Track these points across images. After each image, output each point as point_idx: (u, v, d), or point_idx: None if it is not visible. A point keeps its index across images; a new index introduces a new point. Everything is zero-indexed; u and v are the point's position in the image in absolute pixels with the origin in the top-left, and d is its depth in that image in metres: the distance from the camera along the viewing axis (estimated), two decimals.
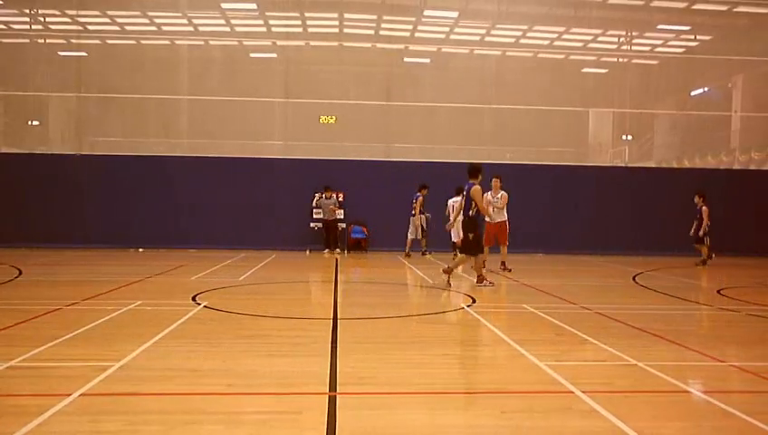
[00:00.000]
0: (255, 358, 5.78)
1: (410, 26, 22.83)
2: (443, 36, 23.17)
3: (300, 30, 22.30)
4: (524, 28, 22.73)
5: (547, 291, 10.64)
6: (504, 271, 13.44)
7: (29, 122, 21.81)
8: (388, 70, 21.67)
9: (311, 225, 18.98)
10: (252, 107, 20.94)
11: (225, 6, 21.44)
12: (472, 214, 10.94)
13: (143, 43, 22.28)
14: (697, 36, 23.21)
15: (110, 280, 11.05)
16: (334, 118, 20.96)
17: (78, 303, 8.58)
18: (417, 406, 4.53)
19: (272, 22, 22.31)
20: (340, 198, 18.75)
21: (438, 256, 16.97)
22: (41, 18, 21.39)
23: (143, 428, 3.94)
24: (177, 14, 21.89)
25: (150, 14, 21.73)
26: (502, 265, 13.54)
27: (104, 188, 18.77)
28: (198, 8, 21.59)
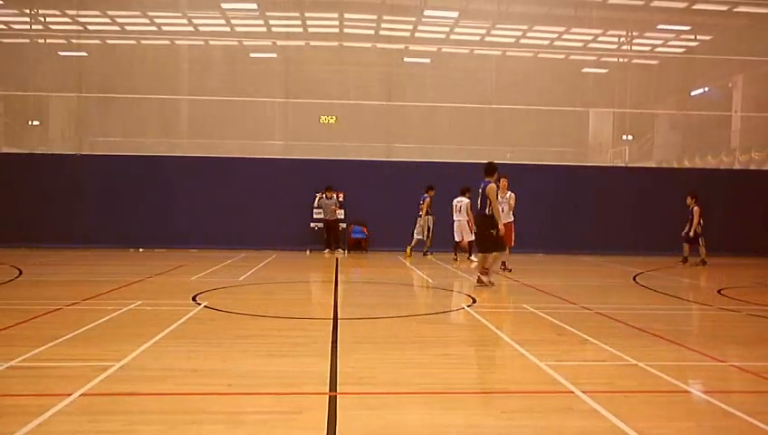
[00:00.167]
0: (255, 358, 5.78)
1: (410, 26, 22.84)
2: (443, 36, 23.18)
3: (300, 30, 22.31)
4: (524, 28, 22.74)
5: (547, 291, 10.64)
6: (504, 271, 13.44)
7: (29, 122, 21.81)
8: (388, 70, 21.67)
9: (311, 225, 18.98)
10: (252, 107, 20.95)
11: (225, 6, 21.44)
12: (489, 212, 10.93)
13: (143, 43, 22.29)
14: (697, 36, 23.21)
15: (110, 280, 11.05)
16: (334, 118, 20.97)
17: (78, 303, 8.58)
18: (418, 406, 4.52)
19: (272, 22, 22.32)
20: (341, 198, 18.75)
21: (439, 257, 16.97)
22: (41, 18, 21.40)
23: (143, 428, 3.94)
24: (178, 14, 21.90)
25: (150, 14, 21.74)
26: (502, 266, 13.54)
27: (104, 188, 18.77)
28: (198, 8, 21.60)
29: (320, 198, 18.17)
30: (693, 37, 23.30)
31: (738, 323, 8.32)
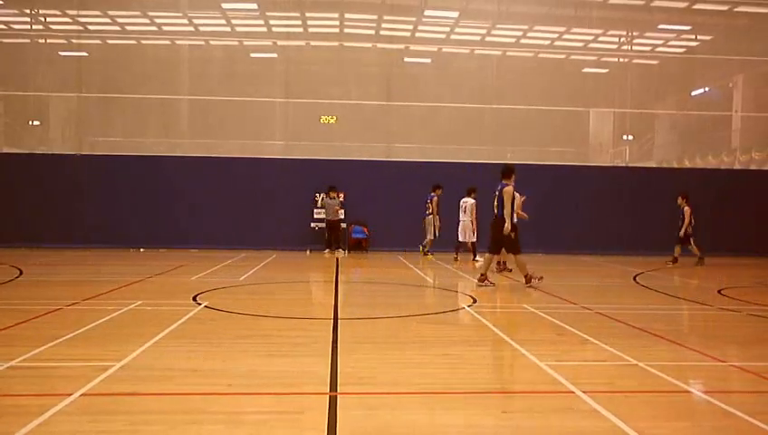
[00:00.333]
0: (256, 358, 5.78)
1: (411, 26, 22.83)
2: (443, 36, 23.17)
3: (300, 30, 22.30)
4: (525, 28, 22.73)
5: (547, 291, 10.64)
6: (504, 271, 13.44)
7: (29, 122, 21.81)
8: (388, 70, 21.67)
9: (311, 225, 18.99)
10: (252, 107, 20.95)
11: (225, 6, 21.44)
12: (506, 214, 10.93)
13: (144, 43, 22.29)
14: (698, 36, 23.20)
15: (111, 280, 11.05)
16: (335, 118, 20.97)
17: (78, 303, 8.58)
18: (418, 406, 4.52)
19: (272, 22, 22.31)
20: (341, 198, 18.75)
21: (440, 257, 16.97)
22: (41, 18, 21.40)
23: (143, 428, 3.94)
24: (178, 14, 21.90)
25: (151, 14, 21.74)
26: (502, 265, 13.54)
27: (104, 188, 18.78)
28: (199, 8, 21.60)
29: (323, 198, 18.15)
30: (693, 37, 23.29)
31: (738, 323, 8.32)
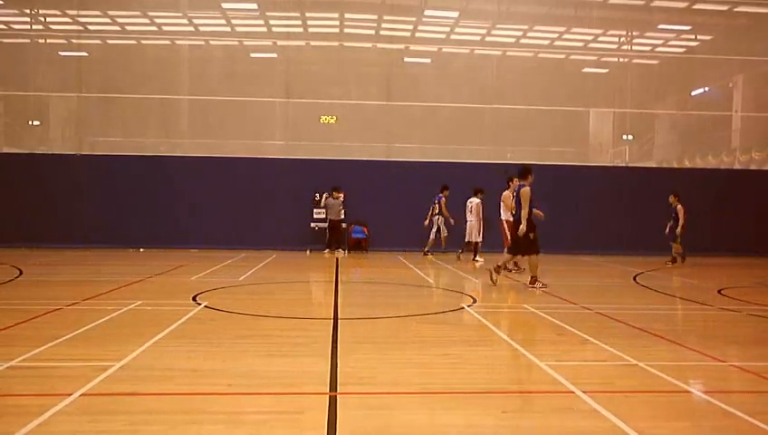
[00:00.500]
0: (256, 358, 5.78)
1: (411, 26, 22.83)
2: (443, 36, 23.17)
3: (300, 30, 22.31)
4: (525, 28, 22.73)
5: (547, 291, 10.63)
6: (505, 270, 13.44)
7: (29, 122, 21.82)
8: (388, 70, 21.67)
9: (311, 225, 18.99)
10: (252, 107, 20.94)
11: (225, 6, 21.45)
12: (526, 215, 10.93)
13: (144, 43, 22.30)
14: (698, 36, 23.20)
15: (110, 280, 11.05)
16: (335, 118, 20.97)
17: (78, 303, 8.58)
18: (418, 406, 4.52)
19: (272, 22, 22.31)
20: (341, 198, 18.74)
21: (440, 257, 16.96)
22: (41, 18, 21.40)
23: (143, 428, 3.94)
24: (178, 14, 21.90)
25: (151, 14, 21.74)
26: (515, 265, 13.59)
27: (104, 188, 18.77)
28: (199, 8, 21.60)
29: (326, 198, 18.13)
30: (693, 37, 23.29)
31: (738, 324, 8.32)
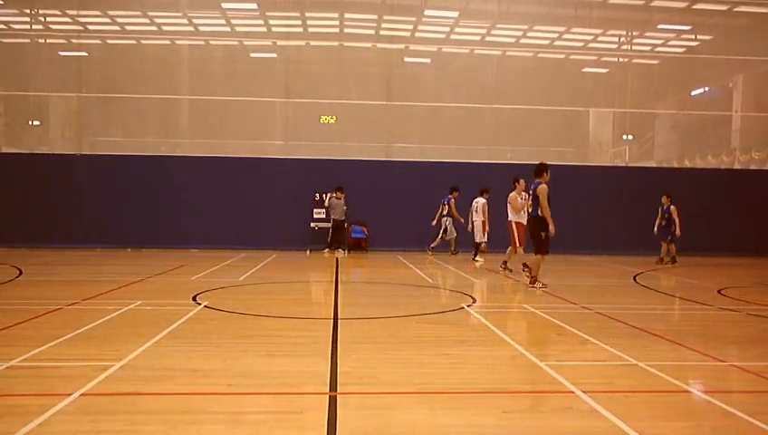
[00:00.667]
0: (256, 358, 5.78)
1: (411, 26, 22.83)
2: (443, 36, 23.17)
3: (300, 30, 22.31)
4: (525, 28, 22.73)
5: (547, 291, 10.64)
6: (505, 270, 13.45)
7: (29, 122, 21.82)
8: (388, 70, 21.67)
9: (311, 225, 18.99)
10: (252, 107, 20.94)
11: (225, 6, 21.45)
12: (540, 214, 10.92)
13: (144, 42, 22.30)
14: (698, 36, 23.20)
15: (110, 280, 11.05)
16: (335, 118, 20.97)
17: (78, 303, 8.58)
18: (418, 406, 4.52)
19: (272, 22, 22.32)
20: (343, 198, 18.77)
21: (440, 257, 16.96)
22: (41, 18, 21.40)
23: (143, 428, 3.94)
24: (178, 14, 21.90)
25: (151, 13, 21.74)
26: (503, 265, 13.56)
27: (104, 188, 18.77)
28: (199, 8, 21.60)
29: (330, 198, 18.12)
30: (693, 37, 23.29)
31: (738, 323, 8.31)
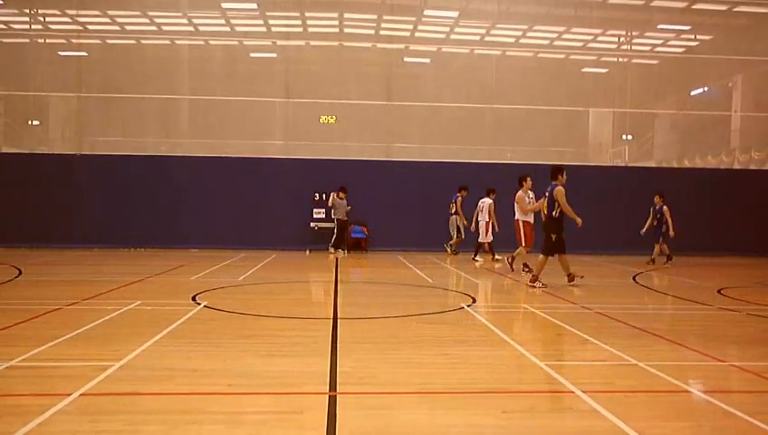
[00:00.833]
0: (255, 358, 5.78)
1: (410, 26, 22.84)
2: (443, 36, 23.18)
3: (300, 30, 22.31)
4: (524, 28, 22.74)
5: (547, 291, 10.64)
6: (510, 266, 13.54)
7: (29, 122, 21.82)
8: (388, 70, 21.68)
9: (311, 225, 18.99)
10: (252, 107, 20.95)
11: (225, 6, 21.45)
12: (555, 215, 10.93)
13: (143, 42, 22.30)
14: (697, 36, 23.21)
15: (110, 280, 11.05)
16: (334, 118, 20.97)
17: (78, 303, 8.57)
18: (417, 406, 4.52)
19: (272, 22, 22.32)
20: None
21: (440, 257, 16.96)
22: (41, 18, 21.40)
23: (143, 427, 3.94)
24: (178, 14, 21.90)
25: (151, 13, 21.75)
26: (509, 259, 13.66)
27: (104, 188, 18.77)
28: (199, 8, 21.60)
29: (333, 198, 18.12)
30: (693, 37, 23.30)
31: (738, 323, 8.31)
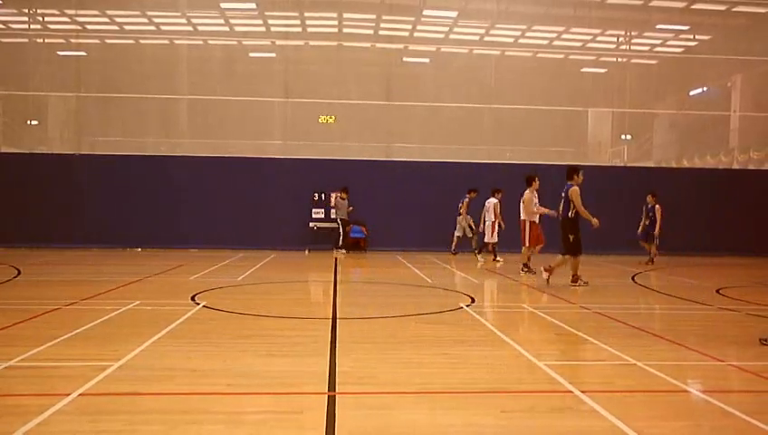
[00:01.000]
0: (255, 358, 5.78)
1: (410, 26, 22.85)
2: (442, 36, 23.18)
3: (299, 30, 22.31)
4: (524, 28, 22.74)
5: (546, 291, 10.64)
6: (527, 271, 13.47)
7: (29, 122, 21.82)
8: (387, 70, 21.68)
9: (310, 225, 18.99)
10: (251, 107, 20.95)
11: (224, 6, 21.45)
12: (571, 215, 10.95)
13: (142, 42, 22.30)
14: (696, 36, 23.22)
15: (110, 280, 11.05)
16: (334, 118, 20.97)
17: (77, 303, 8.57)
18: (417, 406, 4.52)
19: (271, 21, 22.32)
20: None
21: (440, 257, 16.96)
22: (40, 18, 21.40)
23: (143, 427, 3.94)
24: (177, 14, 21.90)
25: (150, 13, 21.74)
26: (524, 267, 13.58)
27: (104, 188, 18.77)
28: (198, 8, 21.59)
29: (336, 198, 18.11)
30: (692, 37, 23.32)
31: (738, 323, 8.31)
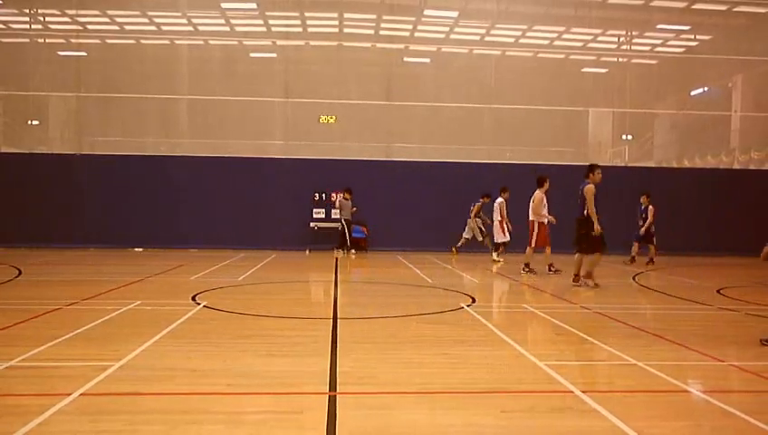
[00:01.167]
0: (255, 358, 5.78)
1: (410, 26, 22.84)
2: (443, 36, 23.18)
3: (300, 30, 22.32)
4: (524, 28, 22.74)
5: (547, 291, 10.64)
6: (550, 271, 13.42)
7: (29, 122, 21.82)
8: (388, 70, 21.68)
9: (310, 225, 18.99)
10: (252, 107, 20.95)
11: (224, 6, 21.45)
12: (587, 214, 10.91)
13: (143, 42, 22.30)
14: (697, 36, 23.22)
15: (110, 280, 11.05)
16: (334, 118, 20.97)
17: (77, 303, 8.58)
18: (417, 406, 4.52)
19: (271, 21, 22.33)
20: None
21: (439, 256, 16.96)
22: (40, 18, 21.40)
23: (143, 427, 3.94)
24: (177, 14, 21.90)
25: (150, 13, 21.75)
26: (551, 267, 13.52)
27: (104, 188, 18.78)
28: (198, 8, 21.60)
29: (340, 199, 18.11)
30: (692, 37, 23.31)
31: (738, 323, 8.31)
